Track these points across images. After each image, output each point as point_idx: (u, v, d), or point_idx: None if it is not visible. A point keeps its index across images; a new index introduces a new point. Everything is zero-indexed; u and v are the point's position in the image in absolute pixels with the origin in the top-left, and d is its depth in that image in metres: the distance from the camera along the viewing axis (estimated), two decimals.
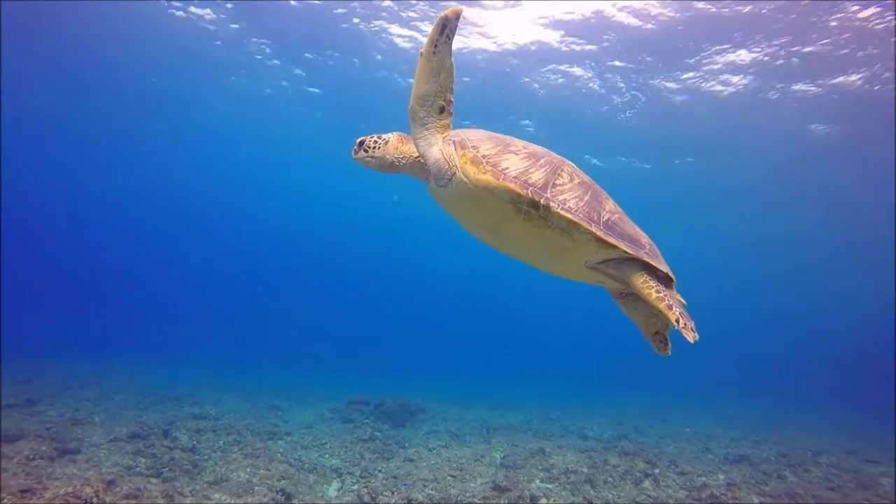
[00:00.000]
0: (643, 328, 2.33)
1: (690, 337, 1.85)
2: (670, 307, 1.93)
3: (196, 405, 10.01)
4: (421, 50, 2.01)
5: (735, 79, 12.17)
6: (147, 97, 17.32)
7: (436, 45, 1.97)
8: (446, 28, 1.94)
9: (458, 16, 1.93)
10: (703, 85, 12.61)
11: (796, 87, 12.07)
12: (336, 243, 37.40)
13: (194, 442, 7.20)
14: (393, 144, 2.36)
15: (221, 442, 7.40)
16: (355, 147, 2.39)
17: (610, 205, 2.09)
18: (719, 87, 12.61)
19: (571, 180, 2.05)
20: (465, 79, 13.27)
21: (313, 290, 50.28)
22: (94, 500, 3.72)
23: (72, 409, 8.61)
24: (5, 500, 3.41)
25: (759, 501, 5.64)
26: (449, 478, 6.17)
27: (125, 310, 45.02)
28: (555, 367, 33.56)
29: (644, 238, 2.12)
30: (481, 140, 2.12)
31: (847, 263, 23.95)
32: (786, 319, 38.95)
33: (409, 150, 2.33)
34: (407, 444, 8.36)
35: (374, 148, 2.36)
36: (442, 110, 2.11)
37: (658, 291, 2.00)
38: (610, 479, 6.54)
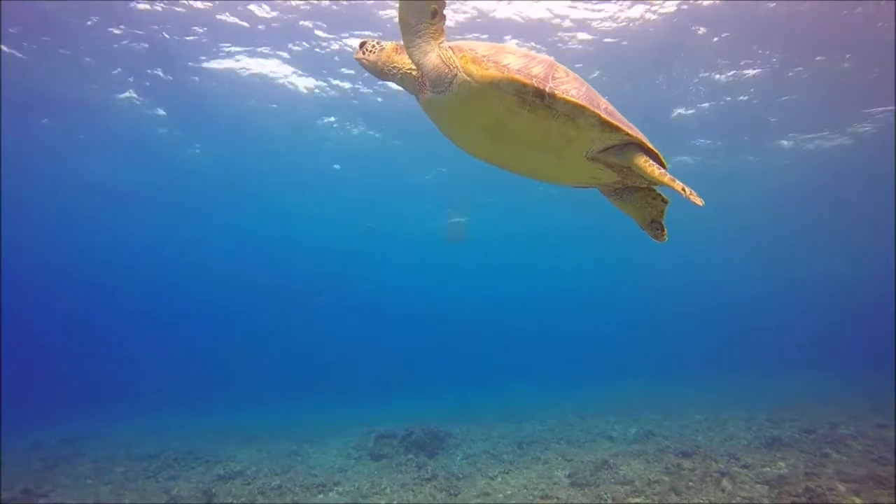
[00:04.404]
0: (639, 219, 2.50)
1: (698, 201, 1.99)
2: (674, 179, 2.07)
3: (216, 464, 9.19)
4: None
5: None
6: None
7: None
8: None
9: None
10: None
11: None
12: (281, 278, 35.54)
13: None
14: (387, 52, 2.40)
15: None
16: (356, 47, 2.46)
17: (604, 99, 2.18)
18: None
19: (567, 76, 2.10)
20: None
21: (269, 325, 47.48)
22: None
23: (84, 494, 7.59)
24: None
25: (844, 489, 5.97)
26: None
27: (66, 365, 40.68)
28: (538, 368, 34.22)
29: (637, 129, 2.24)
30: (477, 44, 2.15)
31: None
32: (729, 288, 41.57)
33: (402, 60, 2.35)
34: (461, 475, 8.10)
35: (370, 51, 2.42)
36: (434, 14, 2.09)
37: (660, 168, 2.12)
38: (691, 483, 6.67)
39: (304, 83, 12.91)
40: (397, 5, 2.06)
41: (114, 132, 14.77)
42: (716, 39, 11.11)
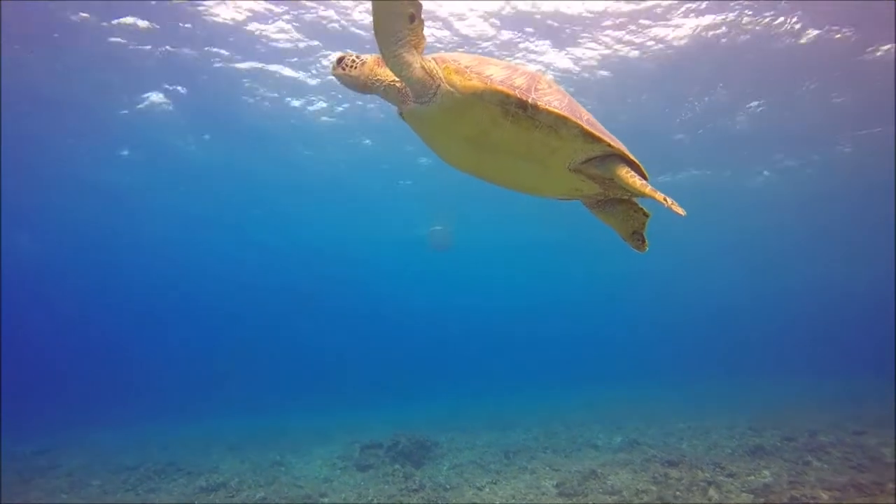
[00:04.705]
0: (621, 231, 2.55)
1: (680, 211, 2.03)
2: (655, 190, 2.11)
3: (198, 476, 9.00)
4: None
5: None
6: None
7: None
8: None
9: None
10: None
11: None
12: (262, 280, 35.01)
13: None
14: (369, 66, 2.35)
15: None
16: (334, 63, 2.40)
17: (586, 111, 2.22)
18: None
19: (550, 87, 2.12)
20: None
21: (255, 331, 46.63)
22: None
23: None
24: None
25: (827, 497, 6.07)
26: None
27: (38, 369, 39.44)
28: (523, 374, 34.20)
29: (620, 141, 2.28)
30: (459, 56, 2.16)
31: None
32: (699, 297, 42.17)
33: (386, 73, 2.30)
34: (448, 486, 8.04)
35: (351, 67, 2.36)
36: (412, 18, 2.01)
37: (641, 180, 2.16)
38: (678, 492, 6.72)
39: (311, 83, 12.89)
40: (371, 13, 1.97)
41: (115, 133, 14.58)
42: (715, 66, 11.55)
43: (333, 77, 2.43)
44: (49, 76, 11.53)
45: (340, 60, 2.39)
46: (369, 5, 1.91)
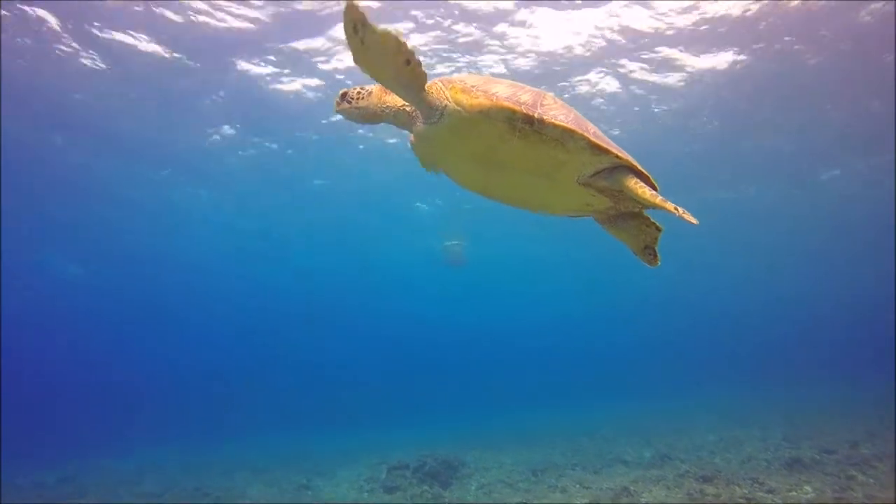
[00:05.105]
0: (633, 246, 2.52)
1: (692, 220, 2.02)
2: (665, 200, 2.10)
3: (226, 501, 8.95)
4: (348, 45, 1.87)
5: None
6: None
7: (361, 41, 1.82)
8: (356, 24, 1.79)
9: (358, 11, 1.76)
10: None
11: None
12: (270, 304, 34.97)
13: None
14: (376, 95, 2.37)
15: None
16: (337, 99, 2.41)
17: (592, 125, 2.20)
18: None
19: (555, 102, 2.14)
20: None
21: (271, 351, 46.64)
22: None
23: None
24: None
25: None
26: None
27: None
28: (542, 389, 33.85)
29: (629, 153, 2.25)
30: (466, 76, 2.19)
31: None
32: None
33: (392, 99, 2.33)
34: None
35: (357, 99, 2.37)
36: (408, 62, 1.96)
37: (651, 190, 2.15)
38: None
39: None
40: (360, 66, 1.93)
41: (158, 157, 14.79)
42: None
43: (338, 113, 2.41)
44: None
45: (344, 96, 2.39)
46: (364, 57, 1.89)
